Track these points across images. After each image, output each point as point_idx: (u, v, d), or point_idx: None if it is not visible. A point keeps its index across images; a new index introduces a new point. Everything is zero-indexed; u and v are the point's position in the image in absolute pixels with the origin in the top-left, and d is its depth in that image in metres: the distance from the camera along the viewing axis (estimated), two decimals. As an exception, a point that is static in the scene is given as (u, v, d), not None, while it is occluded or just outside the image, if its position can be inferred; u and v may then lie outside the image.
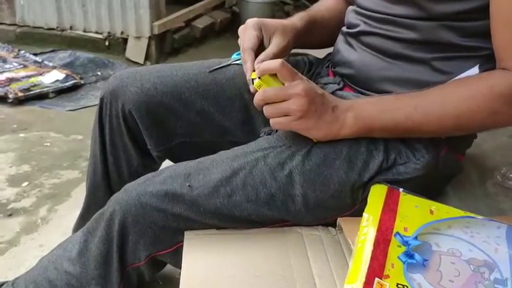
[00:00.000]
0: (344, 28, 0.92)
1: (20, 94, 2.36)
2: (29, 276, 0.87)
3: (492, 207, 0.88)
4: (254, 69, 0.78)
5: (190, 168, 0.77)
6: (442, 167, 0.80)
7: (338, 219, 0.77)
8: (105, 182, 1.04)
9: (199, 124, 0.97)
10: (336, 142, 0.76)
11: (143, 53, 2.93)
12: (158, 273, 0.88)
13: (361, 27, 0.85)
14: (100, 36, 3.03)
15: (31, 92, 2.41)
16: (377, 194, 0.74)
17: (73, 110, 2.35)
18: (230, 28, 3.63)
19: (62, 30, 3.09)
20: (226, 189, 0.74)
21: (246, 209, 0.74)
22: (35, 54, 2.90)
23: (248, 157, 0.77)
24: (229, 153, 0.79)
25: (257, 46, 0.83)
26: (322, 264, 0.71)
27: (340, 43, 0.91)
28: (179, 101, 0.95)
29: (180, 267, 0.71)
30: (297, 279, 0.68)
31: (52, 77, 2.57)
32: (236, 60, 0.96)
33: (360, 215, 0.70)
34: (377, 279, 0.59)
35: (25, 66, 2.71)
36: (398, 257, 0.62)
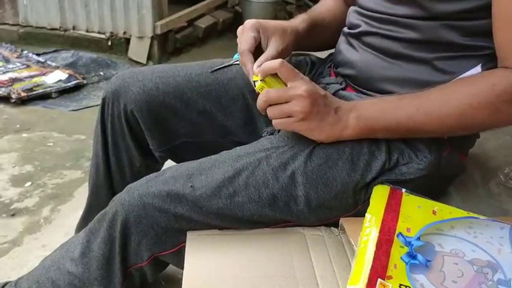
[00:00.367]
0: (345, 29, 0.92)
1: (23, 94, 2.37)
2: (32, 276, 0.87)
3: (495, 207, 0.88)
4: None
5: (192, 168, 0.77)
6: (445, 167, 0.80)
7: (341, 219, 0.77)
8: (107, 183, 1.04)
9: (201, 124, 0.97)
10: (339, 143, 0.76)
11: (146, 53, 2.93)
12: (160, 273, 0.88)
13: (362, 27, 0.85)
14: (103, 36, 3.04)
15: (34, 92, 2.41)
16: (379, 195, 0.74)
17: (76, 110, 2.35)
18: (233, 28, 3.63)
19: (65, 30, 3.09)
20: (228, 189, 0.74)
21: (249, 210, 0.74)
22: (38, 54, 2.90)
23: (250, 157, 0.77)
24: (231, 153, 0.79)
25: (254, 48, 0.82)
26: (324, 264, 0.70)
27: (341, 44, 0.91)
28: (181, 101, 0.95)
29: (183, 267, 0.70)
30: (300, 279, 0.68)
31: (55, 77, 2.58)
32: (238, 60, 0.96)
33: (363, 216, 0.70)
34: (380, 280, 0.58)
35: (28, 66, 2.71)
36: (401, 258, 0.62)
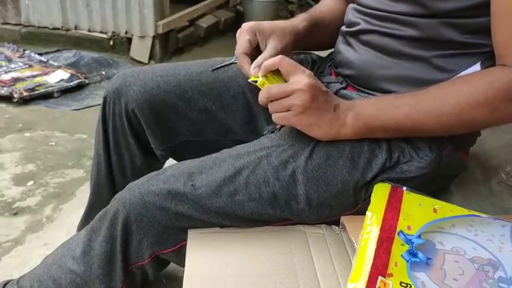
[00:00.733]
0: (343, 27, 0.92)
1: (25, 94, 2.37)
2: (34, 274, 0.88)
3: (496, 205, 0.87)
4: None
5: (193, 167, 0.77)
6: (446, 166, 0.80)
7: (341, 217, 0.77)
8: (108, 181, 1.04)
9: (202, 123, 0.97)
10: (339, 141, 0.76)
11: (147, 53, 2.93)
12: (162, 271, 0.89)
13: (361, 25, 0.85)
14: (104, 35, 3.04)
15: (36, 92, 2.41)
16: (380, 193, 0.74)
17: (78, 110, 2.36)
18: (234, 27, 3.62)
19: (67, 30, 3.10)
20: (229, 188, 0.74)
21: (249, 208, 0.74)
22: (40, 54, 2.91)
23: (251, 156, 0.77)
24: (232, 152, 0.79)
25: (250, 50, 0.83)
26: (325, 262, 0.70)
27: (340, 44, 0.91)
28: (182, 100, 0.95)
29: (184, 265, 0.71)
30: (300, 277, 0.68)
31: (57, 77, 2.58)
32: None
33: (363, 214, 0.70)
34: (380, 277, 0.58)
35: (30, 66, 2.72)
36: (401, 256, 0.62)
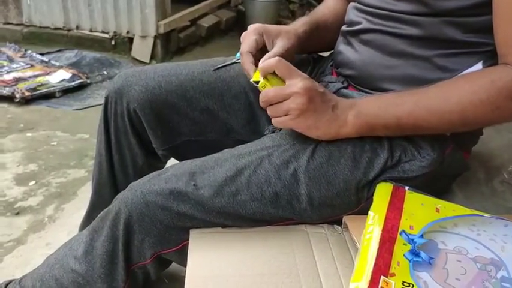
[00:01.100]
0: (344, 27, 0.91)
1: (27, 94, 2.37)
2: (36, 274, 0.88)
3: (499, 205, 0.87)
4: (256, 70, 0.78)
5: (195, 166, 0.77)
6: (448, 165, 0.79)
7: (343, 217, 0.77)
8: (110, 181, 1.04)
9: (203, 122, 0.97)
10: (341, 141, 0.76)
11: (149, 52, 2.93)
12: (164, 271, 0.89)
13: (363, 24, 0.85)
14: (106, 35, 3.04)
15: (38, 92, 2.42)
16: (382, 192, 0.74)
17: (79, 109, 2.36)
18: (236, 27, 3.63)
19: (68, 30, 3.10)
20: (231, 188, 0.74)
21: (251, 208, 0.74)
22: (42, 53, 2.91)
23: (252, 156, 0.76)
24: (233, 151, 0.79)
25: (256, 49, 0.83)
26: (327, 262, 0.70)
27: (340, 44, 0.90)
28: (184, 100, 0.95)
29: (186, 265, 0.71)
30: (302, 277, 0.67)
31: (58, 77, 2.58)
32: (239, 58, 0.96)
33: (366, 213, 0.70)
34: (383, 277, 0.58)
35: (32, 65, 2.72)
36: (404, 255, 0.62)
